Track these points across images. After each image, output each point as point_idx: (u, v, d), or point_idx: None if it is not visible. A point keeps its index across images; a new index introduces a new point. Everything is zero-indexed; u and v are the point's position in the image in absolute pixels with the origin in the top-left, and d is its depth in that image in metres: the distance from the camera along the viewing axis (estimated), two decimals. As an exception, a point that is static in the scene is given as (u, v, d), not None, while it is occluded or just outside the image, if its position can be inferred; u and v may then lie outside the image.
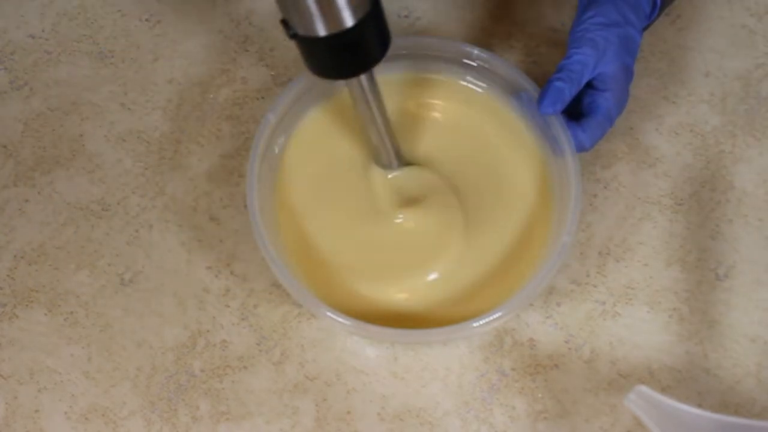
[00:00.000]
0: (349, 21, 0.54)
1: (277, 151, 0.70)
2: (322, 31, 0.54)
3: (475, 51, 0.70)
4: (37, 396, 0.68)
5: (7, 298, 0.70)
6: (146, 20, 0.79)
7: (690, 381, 0.67)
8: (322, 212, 0.69)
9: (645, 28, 0.70)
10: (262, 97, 0.76)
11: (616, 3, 0.66)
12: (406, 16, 0.79)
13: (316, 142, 0.71)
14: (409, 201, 0.69)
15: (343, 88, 0.71)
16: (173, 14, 0.79)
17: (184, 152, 0.74)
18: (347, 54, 0.57)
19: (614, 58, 0.66)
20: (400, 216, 0.69)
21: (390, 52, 0.71)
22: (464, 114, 0.72)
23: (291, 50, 0.77)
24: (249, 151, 0.67)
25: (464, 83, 0.72)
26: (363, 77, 0.60)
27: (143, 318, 0.69)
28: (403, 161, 0.69)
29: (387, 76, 0.72)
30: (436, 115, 0.72)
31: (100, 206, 0.73)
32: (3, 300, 0.70)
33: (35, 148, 0.75)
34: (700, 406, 0.66)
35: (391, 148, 0.67)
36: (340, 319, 0.62)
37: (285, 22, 0.55)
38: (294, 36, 0.55)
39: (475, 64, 0.71)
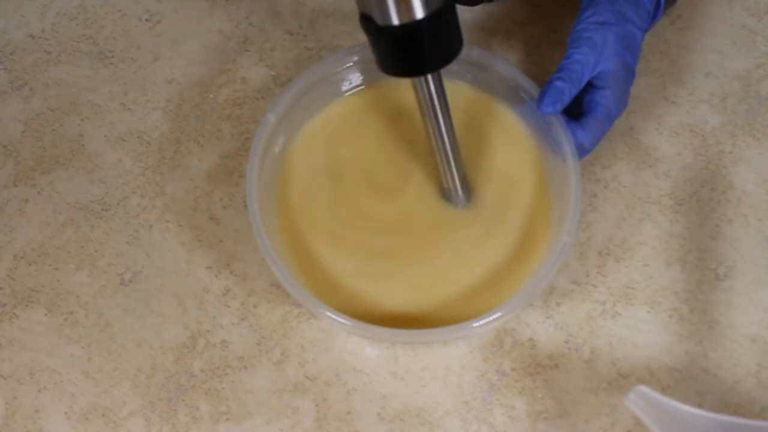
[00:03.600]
0: (419, 12, 0.56)
1: (277, 151, 0.70)
2: (394, 19, 0.56)
3: (475, 51, 0.70)
4: (37, 396, 0.68)
5: (7, 298, 0.70)
6: (146, 20, 0.79)
7: (690, 381, 0.67)
8: (322, 212, 0.69)
9: (648, 28, 0.70)
10: (262, 97, 0.76)
11: (614, 1, 0.66)
12: (406, 16, 0.79)
13: (317, 142, 0.71)
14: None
15: (345, 92, 0.72)
16: (173, 14, 0.79)
17: (184, 152, 0.74)
18: (416, 49, 0.58)
19: (612, 55, 0.66)
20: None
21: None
22: (464, 114, 0.72)
23: (291, 50, 0.77)
24: (249, 151, 0.67)
25: (464, 83, 0.72)
26: (430, 78, 0.61)
27: (143, 318, 0.69)
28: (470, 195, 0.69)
29: (387, 76, 0.72)
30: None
31: (100, 206, 0.73)
32: (3, 300, 0.70)
33: (35, 148, 0.75)
34: (700, 406, 0.66)
35: (456, 174, 0.66)
36: (340, 319, 0.62)
37: (365, 17, 0.57)
38: (376, 31, 0.57)
39: (475, 64, 0.70)
